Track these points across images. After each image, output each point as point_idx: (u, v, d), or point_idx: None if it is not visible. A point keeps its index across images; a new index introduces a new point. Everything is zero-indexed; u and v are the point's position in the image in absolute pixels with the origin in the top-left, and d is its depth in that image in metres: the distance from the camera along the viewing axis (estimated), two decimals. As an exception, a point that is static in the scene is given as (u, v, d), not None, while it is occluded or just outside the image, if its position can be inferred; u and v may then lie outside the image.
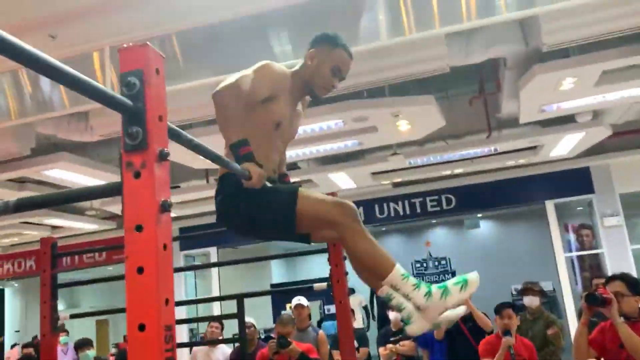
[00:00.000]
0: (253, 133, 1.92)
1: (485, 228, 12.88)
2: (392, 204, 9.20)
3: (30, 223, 8.27)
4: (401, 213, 9.21)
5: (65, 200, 1.34)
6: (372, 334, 7.92)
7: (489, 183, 8.62)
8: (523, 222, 11.78)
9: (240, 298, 3.03)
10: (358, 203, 8.98)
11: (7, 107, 4.59)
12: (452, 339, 4.94)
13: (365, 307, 10.24)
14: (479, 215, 12.26)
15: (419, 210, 9.16)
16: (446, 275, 12.72)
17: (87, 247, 9.61)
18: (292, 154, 6.11)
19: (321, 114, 5.04)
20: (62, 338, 7.12)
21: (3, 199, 6.68)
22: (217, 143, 2.14)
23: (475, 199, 8.86)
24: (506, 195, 8.72)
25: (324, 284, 2.94)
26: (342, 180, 7.66)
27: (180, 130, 1.27)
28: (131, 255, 1.03)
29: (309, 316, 5.26)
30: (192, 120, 4.81)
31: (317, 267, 14.42)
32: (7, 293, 13.75)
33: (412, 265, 12.65)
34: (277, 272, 13.61)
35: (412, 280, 1.79)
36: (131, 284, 1.02)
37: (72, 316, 3.32)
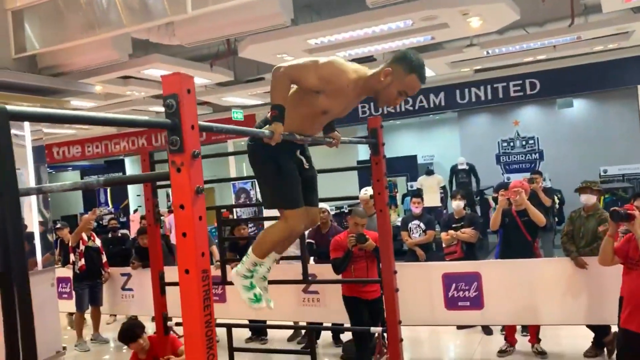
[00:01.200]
0: (301, 110, 2.31)
1: (577, 107, 12.35)
2: (473, 90, 9.14)
3: (138, 110, 9.32)
4: (483, 98, 9.16)
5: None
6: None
7: (576, 67, 8.25)
8: (615, 103, 11.17)
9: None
10: (437, 89, 9.14)
11: (106, 18, 5.16)
12: (507, 231, 5.30)
13: (443, 187, 10.66)
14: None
15: (501, 95, 9.05)
16: (533, 155, 12.63)
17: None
18: (365, 50, 6.28)
19: (388, 14, 5.13)
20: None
21: (114, 92, 7.57)
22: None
23: (560, 83, 8.57)
24: (594, 80, 8.34)
25: (366, 195, 3.39)
26: (419, 69, 7.73)
27: (210, 123, 1.71)
28: (178, 225, 1.54)
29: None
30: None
31: (405, 140, 14.83)
32: (127, 162, 15.60)
33: (498, 144, 12.63)
34: (364, 150, 14.25)
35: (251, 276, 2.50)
36: (179, 244, 1.54)
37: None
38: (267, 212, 2.65)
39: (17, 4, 5.22)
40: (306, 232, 6.36)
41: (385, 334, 3.47)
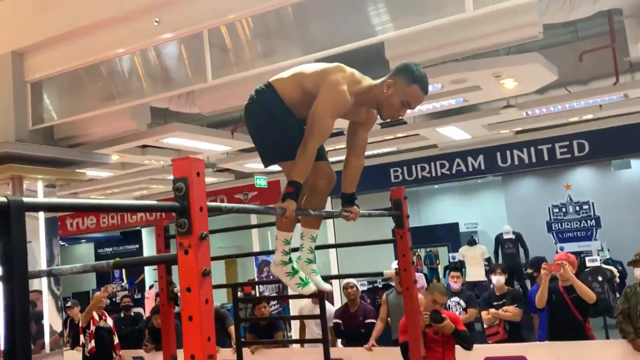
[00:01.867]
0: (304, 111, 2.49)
1: (636, 168, 12.25)
2: (515, 152, 9.23)
3: (156, 179, 9.71)
4: (526, 161, 9.22)
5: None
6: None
7: (628, 126, 8.30)
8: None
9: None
10: (476, 152, 9.27)
11: (126, 88, 5.55)
12: (554, 309, 5.24)
13: (488, 259, 10.57)
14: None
15: (546, 157, 9.10)
16: (589, 222, 12.46)
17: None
18: (394, 113, 6.53)
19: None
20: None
21: (132, 162, 7.94)
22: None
23: (612, 144, 8.60)
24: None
25: (392, 271, 3.48)
26: (453, 132, 7.92)
27: (219, 204, 1.89)
28: (185, 308, 1.69)
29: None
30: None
31: (446, 206, 14.84)
32: (144, 233, 15.99)
33: (549, 210, 12.55)
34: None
35: None
36: (185, 327, 1.68)
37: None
38: (292, 290, 2.74)
39: (37, 75, 5.69)
40: (333, 310, 6.38)
41: None
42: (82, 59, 5.33)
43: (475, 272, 10.10)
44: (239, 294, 13.19)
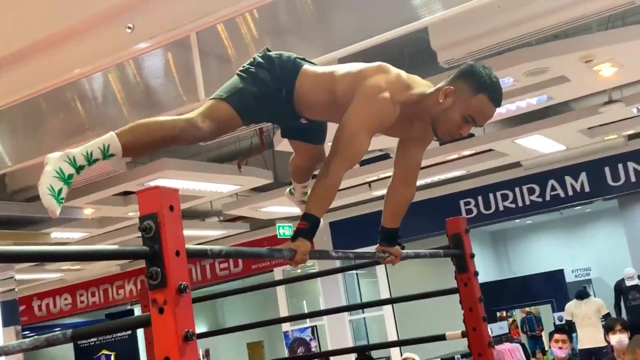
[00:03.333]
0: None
1: None
2: (631, 165, 9.14)
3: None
4: (647, 175, 9.13)
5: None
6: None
7: None
8: None
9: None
10: (575, 168, 9.21)
11: (100, 117, 5.74)
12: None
13: (607, 316, 10.34)
14: None
15: (676, 167, 9.00)
16: None
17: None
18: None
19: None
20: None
21: (112, 216, 8.15)
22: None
23: None
24: None
25: (458, 332, 3.48)
26: (541, 143, 7.90)
27: (206, 246, 1.97)
28: (163, 384, 1.75)
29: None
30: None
31: (544, 249, 14.63)
32: (137, 313, 16.20)
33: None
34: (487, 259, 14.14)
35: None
36: (165, 410, 1.74)
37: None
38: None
39: (-17, 107, 5.93)
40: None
41: None
42: (39, 83, 5.50)
43: (589, 336, 9.85)
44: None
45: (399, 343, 4.96)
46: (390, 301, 7.08)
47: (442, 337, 3.60)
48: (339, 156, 2.48)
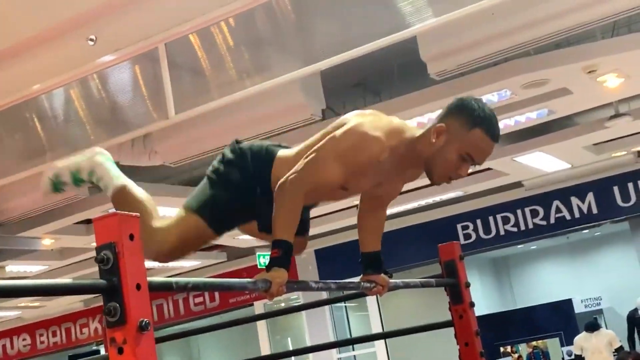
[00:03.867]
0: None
1: None
2: (640, 183, 9.21)
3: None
4: (660, 196, 9.18)
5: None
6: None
7: None
8: None
9: None
10: (581, 189, 9.25)
11: (60, 138, 5.72)
12: None
13: (619, 350, 10.36)
14: None
15: (692, 186, 9.06)
16: None
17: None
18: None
19: (470, 85, 5.48)
20: None
21: (73, 246, 8.10)
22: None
23: None
24: None
25: (453, 371, 3.47)
26: (543, 161, 7.94)
27: (171, 279, 1.96)
28: None
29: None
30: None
31: (551, 277, 14.66)
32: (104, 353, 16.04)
33: None
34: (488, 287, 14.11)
35: None
36: None
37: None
38: None
39: None
40: None
41: None
42: (-9, 101, 5.51)
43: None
44: None
45: None
46: (383, 336, 7.06)
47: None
48: (297, 175, 2.49)
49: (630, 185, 9.25)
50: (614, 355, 10.13)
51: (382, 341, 10.51)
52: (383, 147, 2.52)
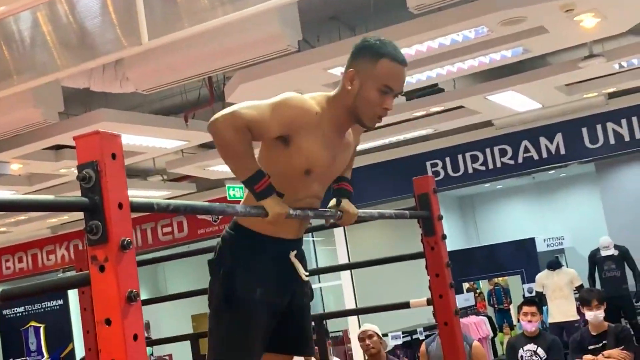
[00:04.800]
0: (279, 181, 2.56)
1: None
2: (610, 126, 9.27)
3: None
4: (627, 137, 9.26)
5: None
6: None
7: None
8: None
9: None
10: (550, 129, 9.31)
11: (27, 62, 5.62)
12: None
13: (579, 288, 10.56)
14: None
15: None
16: None
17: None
18: (423, 76, 6.60)
19: (448, 21, 5.46)
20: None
21: (42, 172, 8.04)
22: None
23: None
24: None
25: (423, 300, 3.54)
26: (515, 101, 7.97)
27: (152, 200, 1.95)
28: (104, 349, 1.75)
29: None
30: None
31: (515, 216, 14.85)
32: (70, 285, 16.04)
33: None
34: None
35: None
36: (106, 377, 1.74)
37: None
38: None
39: None
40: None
41: None
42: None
43: (561, 309, 10.03)
44: None
45: (358, 311, 4.91)
46: (349, 267, 7.07)
47: (406, 305, 3.65)
48: (231, 112, 2.54)
49: (599, 127, 9.31)
50: (575, 294, 10.33)
51: (349, 274, 10.61)
52: (311, 105, 2.61)
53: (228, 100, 6.65)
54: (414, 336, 10.55)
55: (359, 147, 3.17)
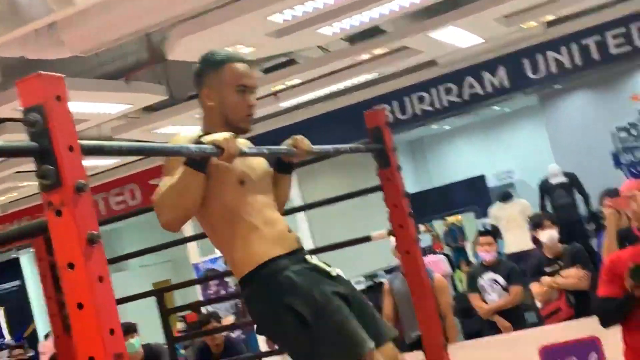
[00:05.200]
0: (229, 217, 2.74)
1: None
2: (550, 54, 9.32)
3: (28, 171, 9.59)
4: (568, 65, 9.33)
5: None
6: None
7: None
8: None
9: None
10: (491, 63, 9.36)
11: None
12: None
13: (533, 218, 10.76)
14: None
15: (597, 56, 9.22)
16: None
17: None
18: (365, 17, 6.55)
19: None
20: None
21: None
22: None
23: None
24: None
25: (383, 232, 3.56)
26: (457, 36, 7.98)
27: (104, 142, 1.91)
28: (69, 293, 1.72)
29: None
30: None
31: (464, 154, 15.02)
32: (24, 262, 15.70)
33: (613, 136, 12.68)
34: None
35: None
36: (74, 320, 1.71)
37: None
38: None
39: None
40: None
41: None
42: None
43: (516, 239, 10.19)
44: (179, 324, 13.28)
45: (317, 251, 4.84)
46: (304, 208, 6.98)
47: (367, 239, 3.67)
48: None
49: (540, 57, 9.37)
50: (528, 223, 10.52)
51: (304, 218, 10.61)
52: (191, 136, 2.69)
53: (171, 58, 6.56)
54: (376, 279, 10.69)
55: (306, 98, 3.24)
